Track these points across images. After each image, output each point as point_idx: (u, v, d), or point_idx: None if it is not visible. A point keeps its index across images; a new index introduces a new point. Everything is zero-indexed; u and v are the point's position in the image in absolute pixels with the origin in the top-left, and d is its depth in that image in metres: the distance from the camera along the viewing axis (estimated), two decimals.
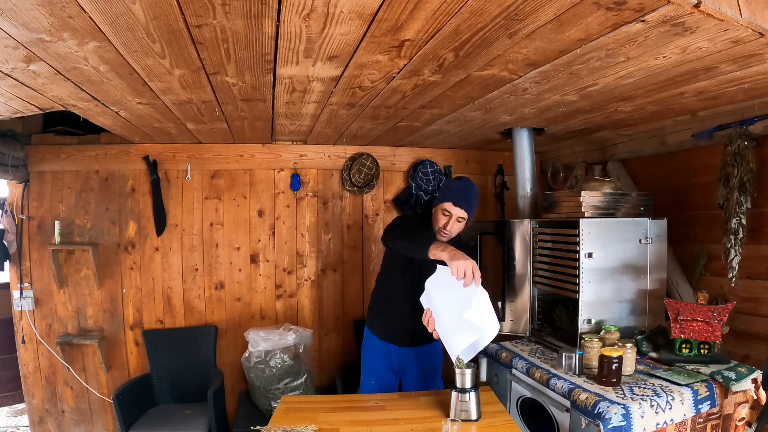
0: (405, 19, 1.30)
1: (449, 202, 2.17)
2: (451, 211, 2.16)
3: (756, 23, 1.25)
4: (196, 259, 3.44)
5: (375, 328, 2.43)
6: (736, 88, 1.88)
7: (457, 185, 2.22)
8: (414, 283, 2.20)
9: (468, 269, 1.77)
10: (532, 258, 2.72)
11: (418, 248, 1.96)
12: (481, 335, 1.84)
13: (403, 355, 2.39)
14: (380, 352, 2.39)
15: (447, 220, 2.17)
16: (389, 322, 2.38)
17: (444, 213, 2.18)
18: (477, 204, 2.26)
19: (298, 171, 3.56)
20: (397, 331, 2.36)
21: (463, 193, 2.18)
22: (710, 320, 2.10)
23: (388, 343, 2.39)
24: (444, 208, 2.18)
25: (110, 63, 1.61)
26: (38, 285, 3.22)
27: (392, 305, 2.36)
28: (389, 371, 2.42)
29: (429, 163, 3.66)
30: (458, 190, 2.19)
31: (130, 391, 2.94)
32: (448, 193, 2.21)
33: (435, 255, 1.86)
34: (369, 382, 2.42)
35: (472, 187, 2.23)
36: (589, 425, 1.83)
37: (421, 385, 2.41)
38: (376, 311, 2.44)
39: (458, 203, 2.15)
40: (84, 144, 3.26)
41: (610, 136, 3.04)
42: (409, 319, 2.26)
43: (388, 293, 2.39)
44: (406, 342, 2.37)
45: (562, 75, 1.77)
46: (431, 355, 2.45)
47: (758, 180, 2.31)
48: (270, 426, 1.82)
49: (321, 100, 2.21)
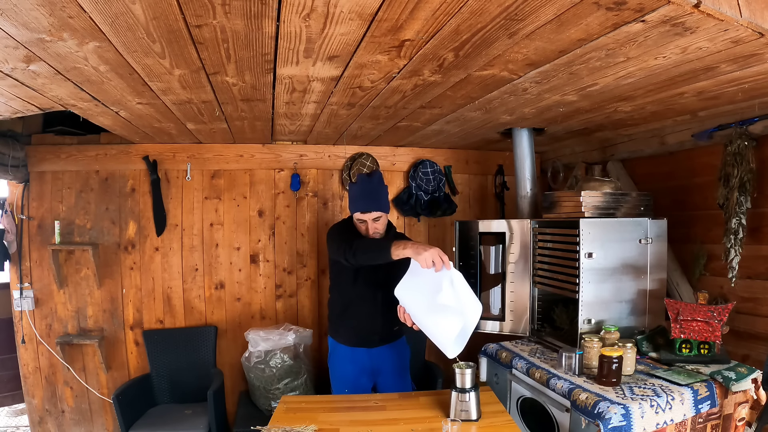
0: (405, 19, 1.30)
1: (357, 211, 2.23)
2: (363, 218, 2.22)
3: (756, 23, 1.25)
4: (196, 259, 3.44)
5: (341, 337, 2.41)
6: (736, 88, 1.88)
7: (356, 191, 2.26)
8: (369, 282, 2.27)
9: (435, 256, 1.80)
10: (532, 258, 2.72)
11: (380, 255, 1.99)
12: (466, 319, 1.85)
13: (375, 356, 2.38)
14: (350, 359, 2.38)
15: (365, 226, 2.23)
16: (355, 326, 2.37)
17: (360, 222, 2.25)
18: (386, 190, 2.30)
19: (298, 171, 3.56)
20: (364, 333, 2.36)
21: (365, 196, 2.22)
22: (710, 320, 2.10)
23: (357, 348, 2.38)
24: (356, 218, 2.25)
25: (110, 63, 1.61)
26: (38, 285, 3.22)
27: (353, 309, 2.36)
28: (362, 376, 2.40)
29: (429, 163, 3.66)
30: (359, 196, 2.24)
31: (130, 391, 2.93)
32: (352, 203, 2.27)
33: (398, 255, 1.90)
34: (342, 391, 2.39)
35: (370, 183, 2.26)
36: (589, 425, 1.83)
37: (396, 381, 2.41)
38: (338, 319, 2.43)
39: (364, 210, 2.21)
40: (84, 144, 3.26)
41: (610, 136, 3.04)
42: (374, 319, 2.31)
43: (346, 299, 2.38)
44: (377, 341, 2.38)
45: (562, 75, 1.77)
46: (403, 350, 2.46)
47: (758, 180, 2.31)
48: (270, 426, 1.82)
49: (321, 100, 2.21)
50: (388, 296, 2.31)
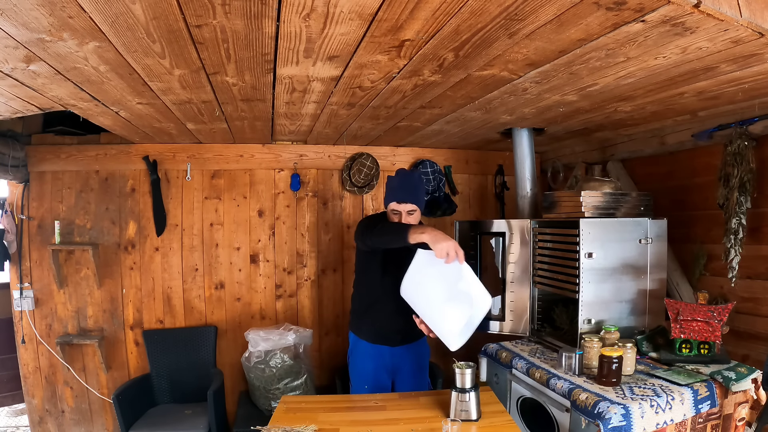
0: (405, 19, 1.30)
1: (392, 202, 2.26)
2: (398, 208, 2.24)
3: (756, 23, 1.25)
4: (196, 259, 3.44)
5: (363, 333, 2.42)
6: (736, 88, 1.88)
7: (395, 183, 2.30)
8: (396, 281, 2.25)
9: (451, 249, 1.81)
10: (532, 258, 2.72)
11: (397, 236, 1.99)
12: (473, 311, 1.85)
13: (396, 355, 2.40)
14: (371, 356, 2.39)
15: (398, 218, 2.25)
16: (378, 324, 2.38)
17: (394, 213, 2.27)
18: (423, 188, 2.34)
19: (298, 171, 3.56)
20: (387, 331, 2.37)
21: (403, 188, 2.26)
22: (710, 320, 2.10)
23: (379, 345, 2.39)
24: (391, 209, 2.27)
25: (110, 63, 1.61)
26: (38, 285, 3.22)
27: (378, 306, 2.37)
28: (382, 373, 2.41)
29: (429, 163, 3.66)
30: (397, 187, 2.27)
31: (130, 391, 2.93)
32: (389, 193, 2.30)
33: (415, 239, 1.90)
34: (362, 387, 2.41)
35: (410, 177, 2.30)
36: (589, 425, 1.83)
37: (415, 381, 2.42)
38: (362, 316, 2.44)
39: (401, 200, 2.23)
40: (84, 144, 3.26)
41: (610, 136, 3.04)
42: (398, 318, 2.30)
43: (372, 296, 2.39)
44: (399, 341, 2.38)
45: (562, 75, 1.77)
46: (423, 350, 2.47)
47: (758, 180, 2.31)
48: (270, 426, 1.82)
49: (321, 100, 2.21)
50: None
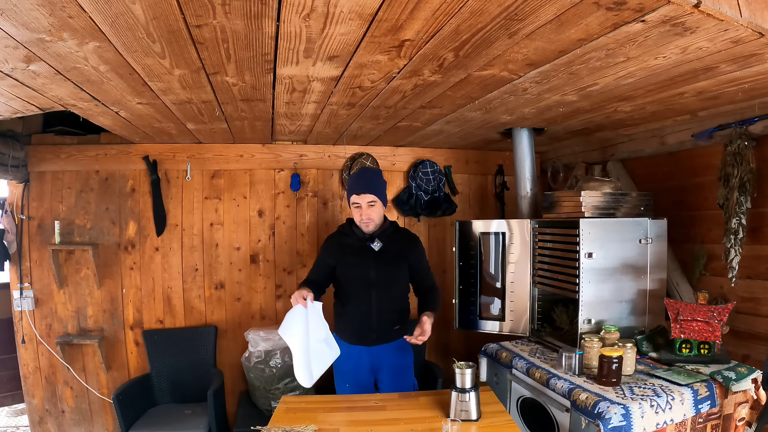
0: (405, 19, 1.30)
1: (352, 194, 2.36)
2: (358, 200, 2.33)
3: (756, 23, 1.25)
4: (196, 259, 3.44)
5: (343, 333, 2.46)
6: (736, 88, 1.88)
7: (354, 177, 2.44)
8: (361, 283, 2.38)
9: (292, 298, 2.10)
10: (532, 258, 2.72)
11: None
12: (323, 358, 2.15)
13: (374, 354, 2.43)
14: (350, 355, 2.41)
15: (360, 210, 2.34)
16: (353, 324, 2.43)
17: (355, 206, 2.36)
18: (383, 182, 2.45)
19: (298, 171, 3.56)
20: (363, 331, 2.41)
21: (361, 181, 2.37)
22: (710, 320, 2.10)
23: (357, 346, 2.42)
24: (352, 202, 2.36)
25: (110, 63, 1.61)
26: (38, 285, 3.22)
27: (350, 308, 2.43)
28: (362, 372, 2.44)
29: (429, 163, 3.66)
30: (356, 180, 2.39)
31: (130, 391, 2.93)
32: (349, 188, 2.42)
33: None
34: (344, 386, 2.46)
35: (368, 171, 2.43)
36: (589, 425, 1.83)
37: (396, 380, 2.44)
38: (340, 317, 2.50)
39: (359, 191, 2.33)
40: (84, 144, 3.26)
41: (610, 136, 3.04)
42: (369, 318, 2.38)
43: (343, 299, 2.46)
44: (374, 340, 2.41)
45: (562, 75, 1.77)
46: (404, 349, 2.48)
47: (758, 180, 2.31)
48: (270, 426, 1.82)
49: (321, 100, 2.21)
50: (382, 296, 2.36)
